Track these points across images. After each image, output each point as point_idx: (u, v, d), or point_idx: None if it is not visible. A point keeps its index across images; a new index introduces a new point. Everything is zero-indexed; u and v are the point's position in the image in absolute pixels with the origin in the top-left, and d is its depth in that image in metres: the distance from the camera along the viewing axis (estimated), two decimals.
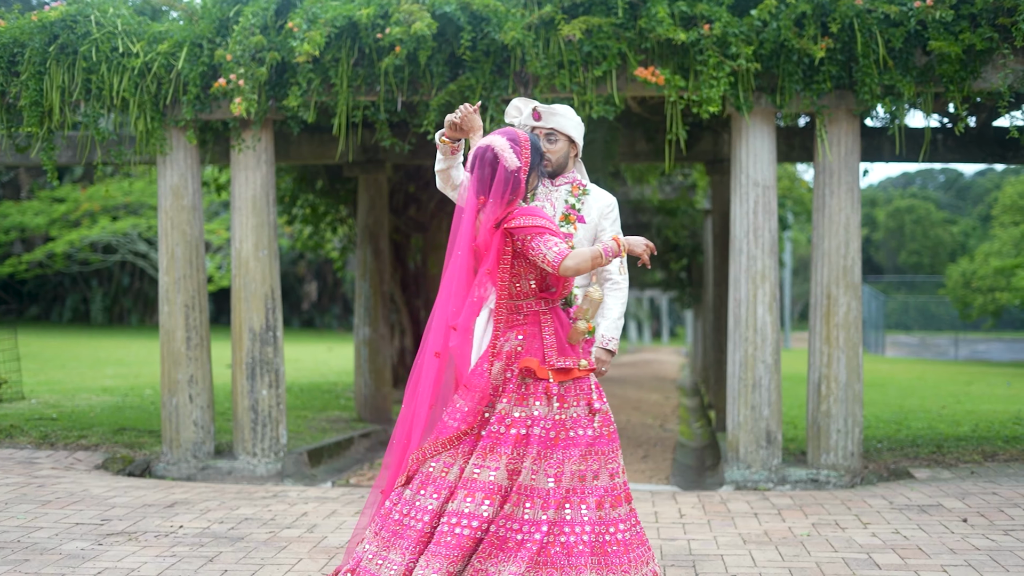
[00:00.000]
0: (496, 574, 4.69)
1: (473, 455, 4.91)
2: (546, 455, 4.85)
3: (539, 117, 5.73)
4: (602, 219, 5.74)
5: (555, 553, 4.72)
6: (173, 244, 9.56)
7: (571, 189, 5.82)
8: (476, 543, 4.75)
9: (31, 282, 42.46)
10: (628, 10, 8.66)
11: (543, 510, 4.75)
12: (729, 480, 9.05)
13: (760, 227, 9.08)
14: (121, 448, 9.85)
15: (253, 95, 8.88)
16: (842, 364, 9.06)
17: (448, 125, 5.42)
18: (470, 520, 4.75)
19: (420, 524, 4.82)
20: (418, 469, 4.98)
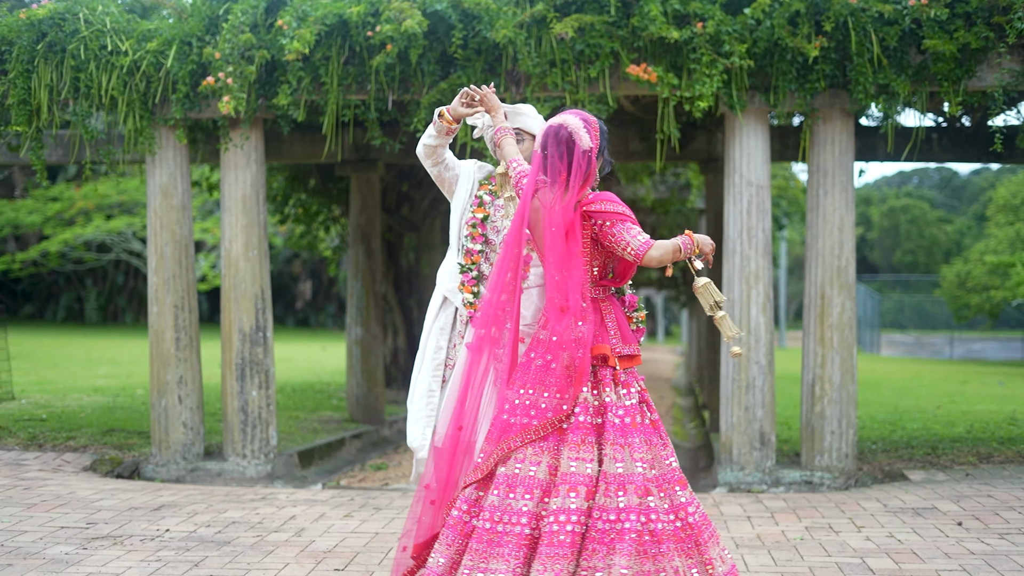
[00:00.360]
0: (606, 568, 4.57)
1: (565, 448, 4.79)
2: (626, 442, 4.78)
3: (504, 117, 5.69)
4: None
5: (647, 541, 4.64)
6: (162, 244, 9.47)
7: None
8: (584, 538, 4.65)
9: (25, 281, 42.33)
10: (621, 8, 8.59)
11: (637, 495, 4.67)
12: (723, 482, 8.98)
13: (754, 227, 9.01)
14: (110, 450, 9.77)
15: (242, 93, 8.80)
16: (836, 365, 8.99)
17: (463, 96, 5.45)
18: (579, 516, 4.64)
19: (519, 528, 4.68)
20: (494, 469, 4.86)
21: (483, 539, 4.69)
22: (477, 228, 5.74)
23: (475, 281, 5.73)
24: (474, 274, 5.73)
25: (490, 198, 5.77)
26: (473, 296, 5.72)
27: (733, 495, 8.45)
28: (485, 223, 5.74)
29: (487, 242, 5.75)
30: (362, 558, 6.21)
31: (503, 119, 5.53)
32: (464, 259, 5.74)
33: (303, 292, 48.39)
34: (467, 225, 5.74)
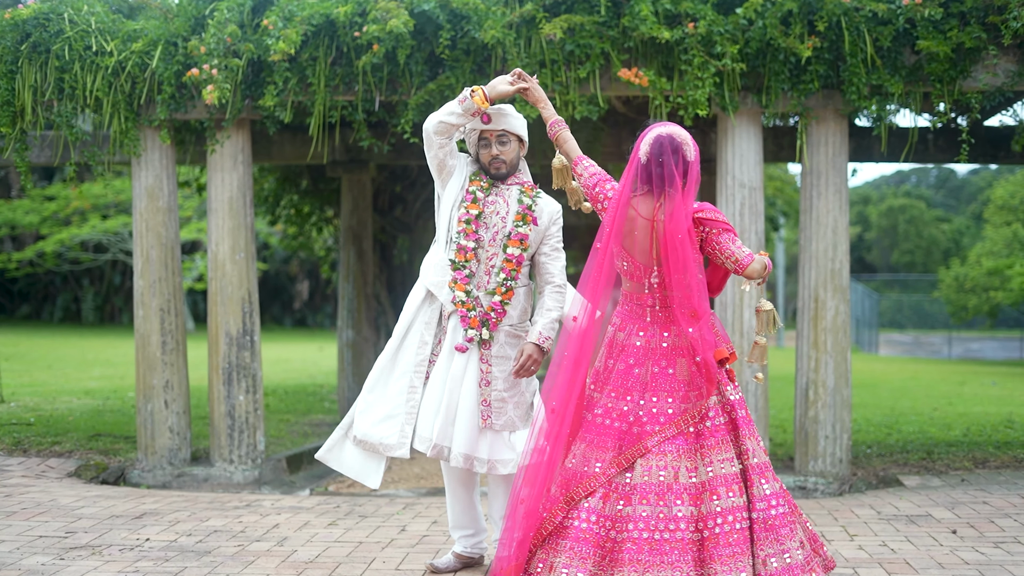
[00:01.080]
0: (779, 553, 4.90)
1: (707, 451, 4.98)
2: (752, 433, 5.09)
3: (489, 120, 5.62)
4: (551, 224, 5.74)
5: (792, 520, 5.02)
6: (148, 247, 9.36)
7: (524, 189, 5.74)
8: (751, 531, 4.93)
9: (22, 281, 42.25)
10: (611, 8, 8.47)
11: (776, 480, 5.05)
12: None
13: (747, 229, 8.89)
14: (95, 455, 9.65)
15: (227, 84, 8.66)
16: (830, 369, 8.87)
17: (513, 75, 5.51)
18: (743, 511, 4.89)
19: (680, 534, 4.83)
20: (615, 479, 4.99)
21: (643, 549, 4.80)
22: (471, 224, 5.65)
23: (467, 279, 5.64)
24: (467, 272, 5.64)
25: (482, 195, 5.69)
26: (465, 295, 5.61)
27: None
28: (479, 219, 5.66)
29: (479, 239, 5.65)
30: (344, 569, 6.09)
31: (553, 112, 5.59)
32: (456, 256, 5.64)
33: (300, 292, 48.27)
34: (460, 221, 5.66)
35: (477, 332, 5.59)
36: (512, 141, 5.69)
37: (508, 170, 5.72)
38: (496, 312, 5.61)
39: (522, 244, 5.62)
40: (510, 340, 5.66)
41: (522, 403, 5.65)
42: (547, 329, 5.60)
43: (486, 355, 5.62)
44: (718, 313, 9.00)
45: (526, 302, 5.75)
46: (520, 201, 5.68)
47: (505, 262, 5.64)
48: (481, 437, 5.59)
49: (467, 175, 5.76)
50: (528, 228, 5.63)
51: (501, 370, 5.62)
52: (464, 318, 5.61)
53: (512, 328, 5.67)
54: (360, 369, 13.29)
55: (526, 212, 5.66)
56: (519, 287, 5.70)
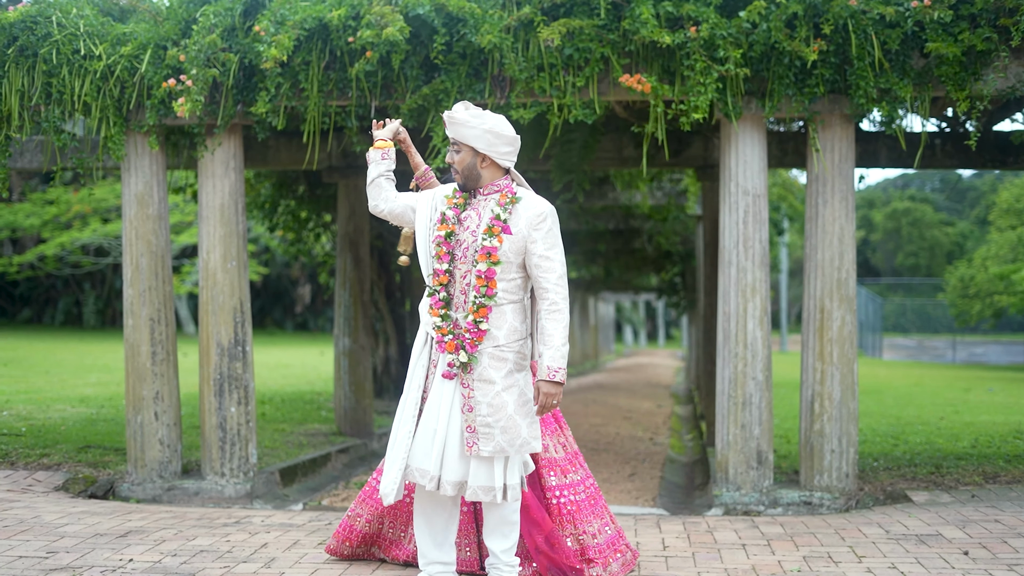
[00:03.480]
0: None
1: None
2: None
3: (446, 126, 5.44)
4: (531, 230, 5.39)
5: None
6: (138, 255, 9.14)
7: (499, 198, 5.47)
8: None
9: (23, 284, 42.15)
10: (611, 11, 8.25)
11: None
12: (718, 502, 8.64)
13: (750, 237, 8.67)
14: (84, 467, 9.44)
15: (200, 96, 8.43)
16: (836, 381, 8.65)
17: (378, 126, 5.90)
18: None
19: None
20: None
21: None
22: (442, 246, 5.42)
23: (442, 303, 5.40)
24: (442, 296, 5.40)
25: (454, 212, 5.46)
26: (440, 319, 5.39)
27: (728, 519, 8.09)
28: (449, 240, 5.42)
29: (453, 259, 5.42)
30: None
31: (421, 161, 5.92)
32: (432, 281, 5.41)
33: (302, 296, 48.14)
34: (432, 244, 5.43)
35: (455, 356, 5.36)
36: (464, 150, 5.45)
37: (463, 179, 5.48)
38: (472, 332, 5.35)
39: (490, 257, 5.34)
40: (494, 363, 5.37)
41: (511, 427, 5.35)
42: (555, 360, 5.31)
43: (467, 379, 5.37)
44: (721, 326, 8.78)
45: (514, 319, 5.46)
46: (492, 211, 5.44)
47: (476, 279, 5.37)
48: (468, 464, 5.36)
49: (440, 198, 5.56)
50: (496, 240, 5.37)
51: (484, 394, 5.35)
52: (441, 343, 5.39)
53: (497, 349, 5.39)
54: (356, 377, 13.07)
55: (494, 223, 5.40)
56: (501, 304, 5.43)
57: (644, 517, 8.25)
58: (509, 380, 5.38)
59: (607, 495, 9.92)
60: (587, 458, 12.03)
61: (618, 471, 11.37)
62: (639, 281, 31.59)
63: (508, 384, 5.38)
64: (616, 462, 12.02)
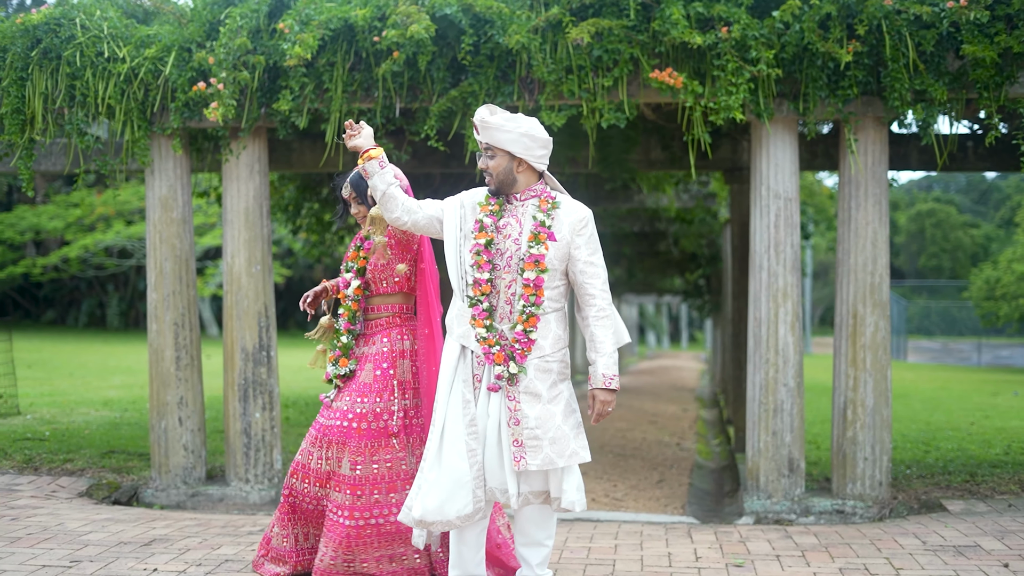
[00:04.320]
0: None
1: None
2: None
3: (477, 131, 5.28)
4: (575, 235, 5.27)
5: None
6: (162, 259, 9.06)
7: (539, 203, 5.32)
8: None
9: (47, 286, 42.24)
10: (641, 11, 8.13)
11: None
12: (749, 511, 8.50)
13: (782, 242, 8.54)
14: (108, 473, 9.37)
15: (232, 100, 8.34)
16: (869, 388, 8.50)
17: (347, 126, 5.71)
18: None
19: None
20: None
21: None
22: (482, 255, 5.27)
23: (486, 314, 5.25)
24: (484, 306, 5.25)
25: (491, 220, 5.31)
26: (486, 330, 5.24)
27: (760, 528, 7.96)
28: (490, 248, 5.28)
29: (494, 268, 5.29)
30: None
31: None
32: (472, 291, 5.27)
33: None
34: (471, 254, 5.28)
35: (504, 368, 5.22)
36: (499, 155, 5.31)
37: (497, 185, 5.33)
38: (521, 343, 5.21)
39: (538, 265, 5.21)
40: (539, 375, 5.24)
41: (560, 438, 5.20)
42: (609, 367, 5.21)
43: (513, 392, 5.22)
44: (752, 332, 8.65)
45: (558, 328, 5.32)
46: (534, 218, 5.31)
47: (524, 288, 5.23)
48: (515, 479, 5.22)
49: (473, 205, 5.42)
50: (543, 247, 5.24)
51: (531, 406, 5.20)
52: (488, 355, 5.24)
53: (542, 360, 5.25)
54: None
55: (539, 230, 5.27)
56: (546, 312, 5.29)
57: (675, 526, 8.13)
58: (554, 391, 5.25)
59: (636, 502, 9.79)
60: (614, 464, 11.91)
61: (646, 477, 11.24)
62: (663, 284, 31.42)
63: (554, 395, 5.25)
64: (644, 468, 11.89)
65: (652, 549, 7.08)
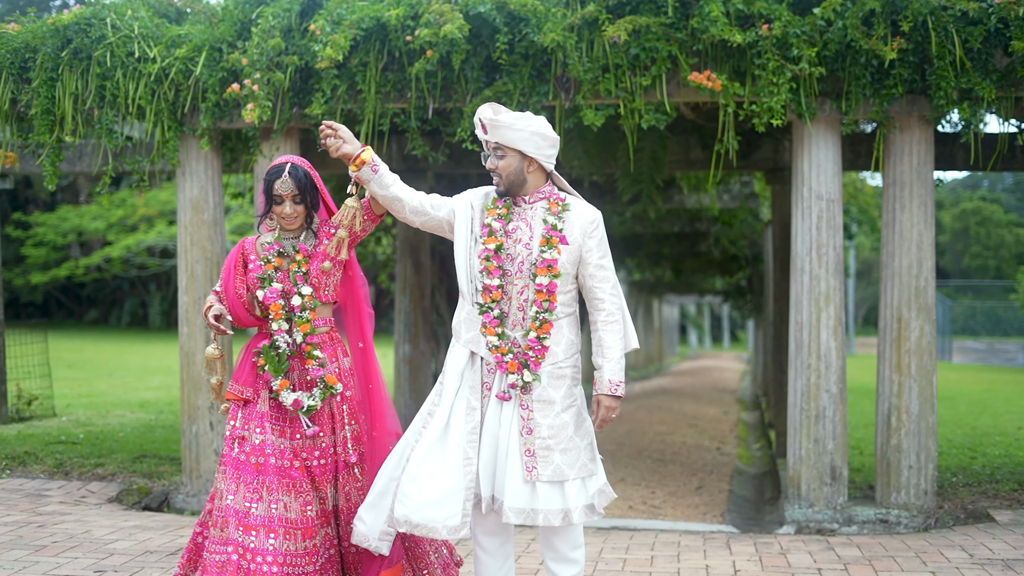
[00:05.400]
0: None
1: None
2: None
3: (485, 130, 5.04)
4: (586, 238, 5.04)
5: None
6: (193, 261, 8.95)
7: (548, 206, 5.10)
8: None
9: (90, 286, 42.45)
10: (679, 9, 7.93)
11: None
12: (790, 519, 8.29)
13: (824, 244, 8.32)
14: (139, 478, 9.27)
15: (267, 102, 8.21)
16: (914, 394, 8.27)
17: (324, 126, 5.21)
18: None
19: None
20: None
21: None
22: (492, 260, 5.06)
23: (497, 321, 5.06)
24: (495, 313, 5.06)
25: (499, 223, 5.11)
26: (498, 338, 5.05)
27: (802, 539, 7.75)
28: (499, 253, 5.09)
29: (504, 274, 5.09)
30: None
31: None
32: (483, 297, 5.08)
33: None
34: (480, 259, 5.08)
35: (518, 376, 5.04)
36: (509, 155, 5.07)
37: (507, 185, 5.09)
38: (535, 350, 5.00)
39: (551, 270, 4.98)
40: (553, 381, 5.02)
41: (571, 448, 4.99)
42: (616, 373, 4.99)
43: (526, 400, 5.01)
44: (793, 336, 8.44)
45: (571, 333, 5.13)
46: (544, 221, 5.12)
47: (536, 293, 5.01)
48: (530, 489, 5.02)
49: (480, 207, 5.23)
50: (555, 252, 5.04)
51: (544, 415, 4.99)
52: (501, 363, 5.06)
53: (555, 367, 5.04)
54: (417, 385, 12.84)
55: (550, 234, 5.07)
56: (559, 318, 5.09)
57: (713, 536, 7.93)
58: (568, 399, 5.06)
59: (674, 510, 9.60)
60: (653, 470, 11.73)
61: (685, 484, 11.04)
62: (704, 284, 31.17)
63: (568, 404, 5.05)
64: (683, 474, 11.68)
65: (689, 561, 6.89)
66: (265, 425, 5.18)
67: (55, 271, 36.69)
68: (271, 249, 5.23)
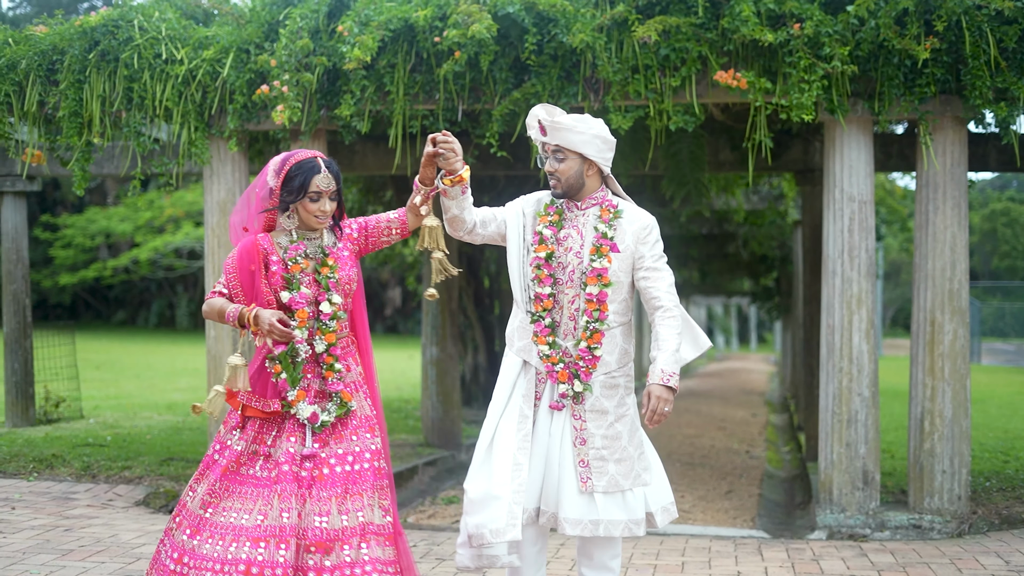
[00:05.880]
0: None
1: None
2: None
3: (544, 132, 4.95)
4: (638, 244, 4.95)
5: None
6: (220, 264, 8.92)
7: (600, 212, 5.01)
8: None
9: (118, 287, 42.63)
10: (709, 8, 7.86)
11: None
12: (821, 525, 8.20)
13: (856, 246, 8.23)
14: (166, 481, 9.24)
15: (297, 103, 8.17)
16: (947, 398, 8.17)
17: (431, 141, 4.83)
18: None
19: None
20: None
21: None
22: (543, 269, 4.99)
23: (548, 330, 4.98)
24: (547, 322, 4.99)
25: (551, 231, 5.05)
26: (549, 347, 4.97)
27: (834, 544, 7.66)
28: (550, 261, 5.02)
29: (556, 282, 5.02)
30: None
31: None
32: (534, 306, 5.00)
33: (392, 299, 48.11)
34: (531, 267, 5.01)
35: (569, 386, 4.96)
36: (570, 157, 4.97)
37: (565, 189, 5.00)
38: (586, 360, 4.91)
39: (601, 280, 4.90)
40: (606, 391, 4.94)
41: (626, 459, 4.92)
42: (669, 364, 4.80)
43: (579, 411, 4.93)
44: (824, 339, 8.35)
45: (625, 342, 5.02)
46: (595, 229, 5.02)
47: (587, 303, 4.93)
48: (587, 500, 4.95)
49: (532, 213, 5.14)
50: (605, 261, 4.93)
51: (597, 426, 4.91)
52: (551, 373, 4.98)
53: (608, 376, 4.96)
54: (444, 387, 12.80)
55: (601, 242, 4.98)
56: (611, 327, 5.00)
57: (744, 542, 7.85)
58: (622, 409, 4.98)
59: (704, 514, 9.52)
60: (682, 474, 11.65)
61: (714, 488, 10.95)
62: (731, 285, 31.04)
63: (621, 413, 4.97)
64: (712, 478, 11.59)
65: (721, 567, 6.81)
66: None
67: (83, 273, 36.86)
68: (297, 249, 4.87)
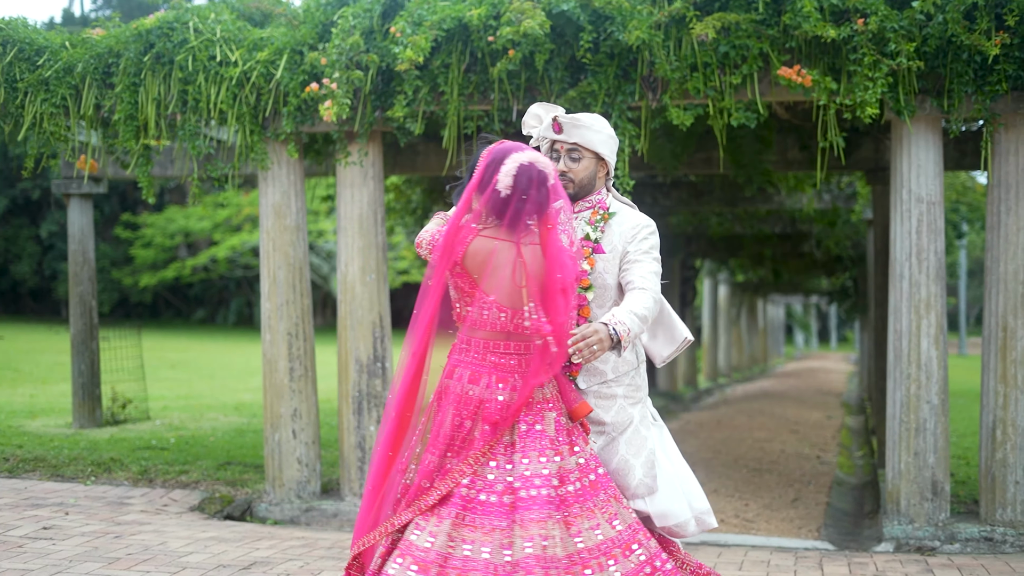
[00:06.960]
0: None
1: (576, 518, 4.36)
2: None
3: (560, 130, 4.70)
4: (626, 244, 4.66)
5: None
6: (275, 267, 8.83)
7: (590, 216, 4.79)
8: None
9: (197, 286, 42.98)
10: (770, 4, 7.61)
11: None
12: (888, 536, 7.94)
13: (924, 249, 7.94)
14: (222, 486, 9.18)
15: (346, 99, 8.04)
16: (1021, 406, 7.86)
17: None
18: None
19: None
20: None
21: None
22: None
23: None
24: None
25: None
26: None
27: (899, 557, 7.39)
28: None
29: None
30: None
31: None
32: None
33: None
34: None
35: None
36: (586, 157, 4.74)
37: (577, 190, 4.75)
38: (567, 367, 4.62)
39: (579, 283, 4.62)
40: (601, 402, 4.68)
41: (621, 471, 4.65)
42: (624, 316, 4.38)
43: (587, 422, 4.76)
44: (892, 345, 8.08)
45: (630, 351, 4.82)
46: (582, 231, 4.74)
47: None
48: None
49: None
50: (587, 264, 4.65)
51: (596, 437, 4.65)
52: None
53: (603, 386, 4.71)
54: None
55: (584, 245, 4.66)
56: None
57: (806, 554, 7.60)
58: (624, 420, 4.74)
59: (768, 523, 9.28)
60: (747, 480, 11.40)
61: (780, 496, 10.67)
62: (810, 284, 30.59)
63: (623, 425, 4.72)
64: (779, 485, 11.31)
65: None
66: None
67: (163, 272, 37.22)
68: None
